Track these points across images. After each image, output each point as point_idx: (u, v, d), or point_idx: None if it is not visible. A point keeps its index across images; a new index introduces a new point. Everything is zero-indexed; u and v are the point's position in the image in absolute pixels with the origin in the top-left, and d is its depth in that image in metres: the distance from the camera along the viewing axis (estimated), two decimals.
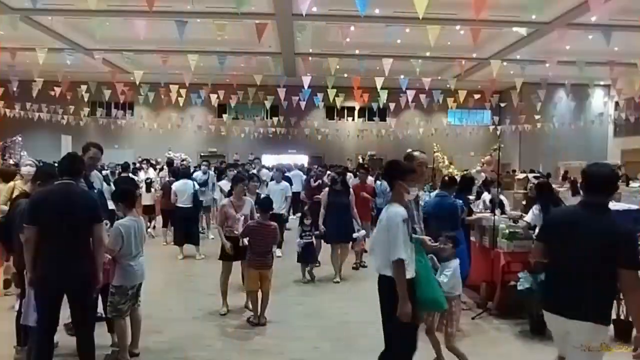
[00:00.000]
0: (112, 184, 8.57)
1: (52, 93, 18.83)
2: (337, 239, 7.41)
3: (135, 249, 4.28)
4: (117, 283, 4.22)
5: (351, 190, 7.86)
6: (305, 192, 10.41)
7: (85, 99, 19.70)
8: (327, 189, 7.79)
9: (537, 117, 20.39)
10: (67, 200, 3.61)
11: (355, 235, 7.50)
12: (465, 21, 13.32)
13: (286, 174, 11.25)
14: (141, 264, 4.36)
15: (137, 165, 15.52)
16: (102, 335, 4.49)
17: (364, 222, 8.14)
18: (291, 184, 10.42)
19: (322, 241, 7.75)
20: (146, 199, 11.07)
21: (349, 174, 11.74)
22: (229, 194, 6.41)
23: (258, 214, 5.86)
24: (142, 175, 13.41)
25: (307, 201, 9.65)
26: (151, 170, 15.46)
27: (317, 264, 7.82)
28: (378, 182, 11.83)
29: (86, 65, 17.72)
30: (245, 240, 5.53)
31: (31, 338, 3.82)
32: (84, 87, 18.27)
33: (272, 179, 9.65)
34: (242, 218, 5.82)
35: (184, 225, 8.99)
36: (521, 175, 14.95)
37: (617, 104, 22.23)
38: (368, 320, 5.48)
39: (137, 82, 16.33)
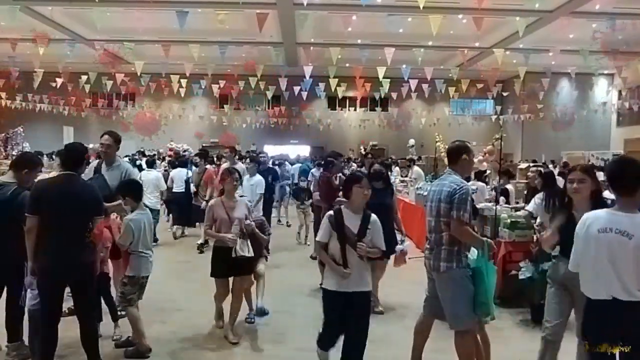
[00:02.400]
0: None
1: (53, 84, 18.81)
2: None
3: (146, 241, 4.27)
4: (130, 273, 4.19)
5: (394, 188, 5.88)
6: (320, 194, 7.08)
7: (87, 90, 19.68)
8: None
9: (539, 106, 20.30)
10: (67, 192, 3.61)
11: (399, 248, 5.35)
12: (468, 10, 13.22)
13: (272, 166, 10.44)
14: (151, 255, 4.36)
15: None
16: (104, 325, 4.56)
17: None
18: (275, 177, 9.69)
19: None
20: None
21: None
22: (221, 193, 4.78)
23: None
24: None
25: (323, 206, 6.73)
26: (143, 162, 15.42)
27: None
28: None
29: (87, 56, 17.67)
30: (243, 250, 4.50)
31: (33, 326, 3.84)
32: (84, 78, 18.25)
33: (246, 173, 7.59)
34: (235, 225, 4.52)
35: (178, 207, 9.71)
36: (523, 165, 14.93)
37: (620, 93, 22.09)
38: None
39: (139, 73, 16.31)
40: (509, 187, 8.11)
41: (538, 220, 5.59)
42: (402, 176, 13.61)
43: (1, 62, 18.47)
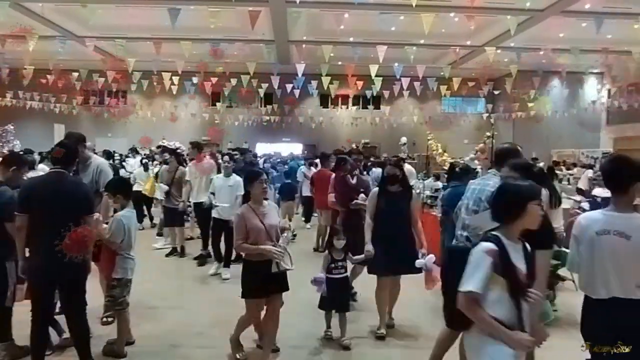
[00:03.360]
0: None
1: (44, 81, 18.66)
2: (387, 270, 4.73)
3: (133, 241, 4.25)
4: (118, 275, 4.12)
5: (414, 192, 5.22)
6: (336, 196, 6.28)
7: (77, 87, 19.55)
8: (375, 189, 5.01)
9: (530, 104, 20.44)
10: (58, 190, 3.59)
11: (419, 262, 4.47)
12: (460, 8, 13.28)
13: (259, 166, 9.63)
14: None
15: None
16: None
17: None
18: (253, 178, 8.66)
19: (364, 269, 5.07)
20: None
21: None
22: (244, 199, 4.18)
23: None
24: (132, 163, 13.30)
25: (340, 210, 6.15)
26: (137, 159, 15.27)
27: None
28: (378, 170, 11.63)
29: (78, 53, 17.56)
30: (287, 263, 3.98)
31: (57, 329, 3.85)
32: (75, 75, 18.12)
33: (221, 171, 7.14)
34: (285, 236, 4.10)
35: None
36: None
37: (609, 91, 22.27)
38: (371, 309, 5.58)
39: (130, 70, 16.23)
40: None
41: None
42: None
43: None
